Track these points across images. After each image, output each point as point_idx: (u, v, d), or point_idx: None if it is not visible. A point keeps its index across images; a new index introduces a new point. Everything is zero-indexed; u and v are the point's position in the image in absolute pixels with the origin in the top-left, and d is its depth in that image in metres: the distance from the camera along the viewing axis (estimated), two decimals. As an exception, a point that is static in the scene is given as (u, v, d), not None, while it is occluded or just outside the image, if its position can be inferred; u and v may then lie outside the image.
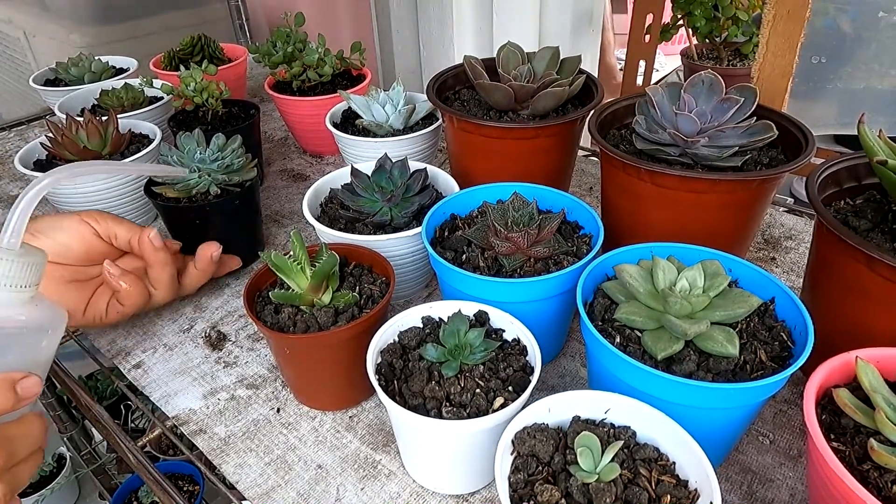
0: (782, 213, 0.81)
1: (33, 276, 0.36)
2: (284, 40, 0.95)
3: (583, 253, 0.55)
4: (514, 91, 0.67)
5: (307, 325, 0.50)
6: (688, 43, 1.39)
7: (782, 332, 0.45)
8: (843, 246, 0.45)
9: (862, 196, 0.53)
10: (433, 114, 0.85)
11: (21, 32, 1.32)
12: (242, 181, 0.68)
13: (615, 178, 0.61)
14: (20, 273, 0.35)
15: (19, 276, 0.35)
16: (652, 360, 0.44)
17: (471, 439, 0.43)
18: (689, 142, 0.56)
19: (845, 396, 0.39)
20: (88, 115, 0.75)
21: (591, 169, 0.94)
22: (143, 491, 1.29)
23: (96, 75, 1.05)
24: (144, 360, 0.63)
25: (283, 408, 0.57)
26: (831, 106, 0.91)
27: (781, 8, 0.68)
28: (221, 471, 0.52)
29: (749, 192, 0.55)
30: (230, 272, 0.71)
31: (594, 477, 0.37)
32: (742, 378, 0.42)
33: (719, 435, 0.45)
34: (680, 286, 0.46)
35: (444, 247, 0.57)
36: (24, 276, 0.35)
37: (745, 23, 1.27)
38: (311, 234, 0.79)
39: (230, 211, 0.69)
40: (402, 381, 0.46)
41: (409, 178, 0.66)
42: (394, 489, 0.49)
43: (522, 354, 0.48)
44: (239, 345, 0.64)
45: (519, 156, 0.68)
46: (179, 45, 1.12)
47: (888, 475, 0.36)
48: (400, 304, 0.68)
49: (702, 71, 0.58)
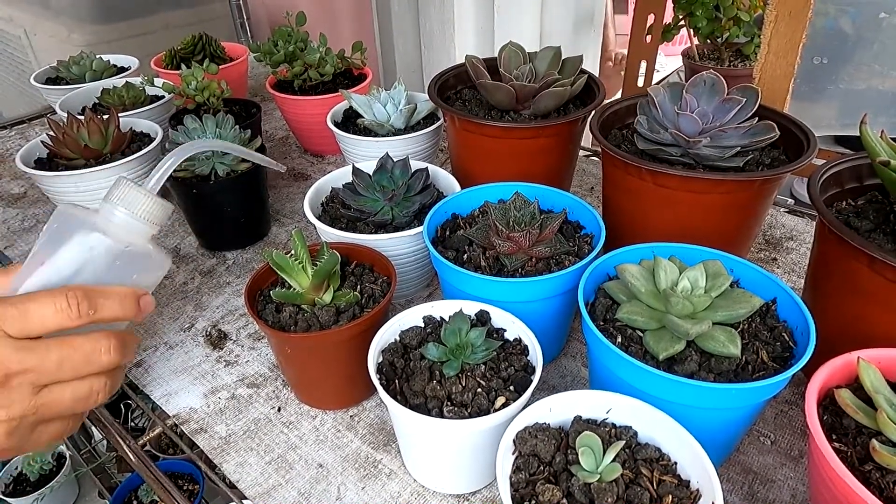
0: (783, 214, 0.81)
1: (162, 216, 0.43)
2: (286, 39, 0.95)
3: (584, 253, 0.55)
4: (515, 91, 0.67)
5: (308, 325, 0.50)
6: (689, 43, 1.39)
7: (784, 332, 0.45)
8: (845, 246, 0.45)
9: (864, 197, 0.53)
10: (434, 113, 0.85)
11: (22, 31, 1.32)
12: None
13: (617, 178, 0.61)
14: (155, 211, 0.42)
15: (153, 214, 0.42)
16: (653, 360, 0.44)
17: (472, 439, 0.43)
18: (690, 142, 0.55)
19: (847, 397, 0.39)
20: (89, 114, 0.75)
21: (593, 169, 0.94)
22: (142, 490, 1.29)
23: (97, 74, 1.05)
24: (145, 359, 0.63)
25: (284, 407, 0.57)
26: (832, 107, 0.91)
27: (783, 9, 0.68)
28: (222, 470, 0.52)
29: (750, 193, 0.55)
30: (230, 268, 0.71)
31: (596, 477, 0.37)
32: (744, 378, 0.42)
33: (721, 435, 0.45)
34: (682, 286, 0.46)
35: (446, 246, 0.57)
36: (156, 215, 0.42)
37: (747, 23, 1.27)
38: (313, 234, 0.79)
39: (242, 188, 0.74)
40: (404, 380, 0.46)
41: (411, 177, 0.66)
42: (395, 489, 0.49)
43: (524, 354, 0.48)
44: (240, 344, 0.64)
45: (520, 155, 0.68)
46: (181, 44, 1.12)
47: (890, 476, 0.36)
48: (401, 303, 0.68)
49: (703, 71, 0.58)
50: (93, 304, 0.39)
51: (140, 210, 0.42)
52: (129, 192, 0.41)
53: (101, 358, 0.39)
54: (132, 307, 0.41)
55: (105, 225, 0.41)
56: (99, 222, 0.41)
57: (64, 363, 0.38)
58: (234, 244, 0.79)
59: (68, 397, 0.39)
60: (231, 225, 0.77)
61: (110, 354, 0.39)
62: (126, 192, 0.41)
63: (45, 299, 0.37)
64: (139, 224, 0.42)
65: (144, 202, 0.42)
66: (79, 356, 0.38)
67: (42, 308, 0.37)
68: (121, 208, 0.41)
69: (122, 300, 0.40)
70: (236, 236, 0.78)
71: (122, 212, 0.41)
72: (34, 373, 0.37)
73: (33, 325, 0.37)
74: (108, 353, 0.39)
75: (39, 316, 0.37)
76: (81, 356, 0.38)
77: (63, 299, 0.37)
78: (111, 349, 0.39)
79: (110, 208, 0.41)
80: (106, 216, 0.41)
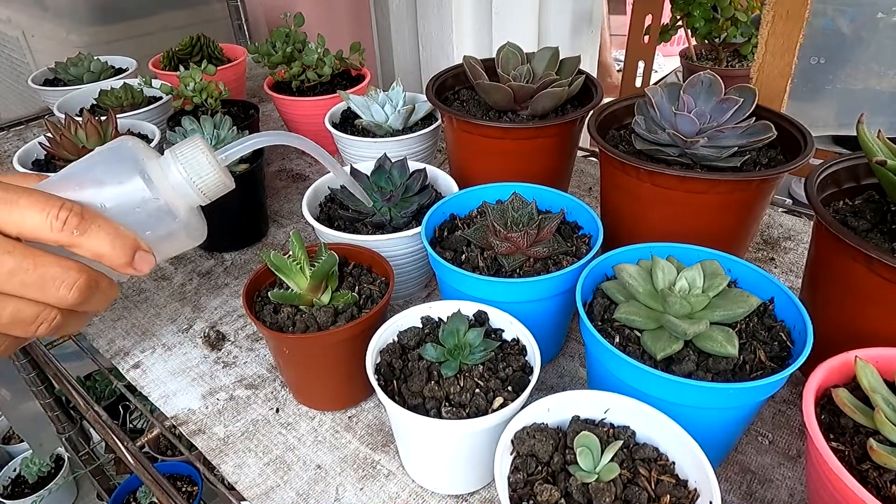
0: (781, 214, 0.81)
1: (216, 192, 0.41)
2: (284, 40, 0.95)
3: (582, 253, 0.55)
4: (513, 91, 0.67)
5: (306, 325, 0.50)
6: (686, 44, 1.39)
7: (781, 332, 0.46)
8: (842, 246, 0.45)
9: (861, 196, 0.53)
10: (432, 114, 0.85)
11: (20, 32, 1.32)
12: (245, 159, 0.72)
13: (614, 179, 0.61)
14: (213, 184, 0.40)
15: (209, 187, 0.40)
16: (651, 360, 0.44)
17: (470, 439, 0.43)
18: (688, 142, 0.56)
19: (844, 396, 0.39)
20: (87, 115, 0.74)
21: (590, 169, 0.94)
22: (141, 492, 1.29)
23: (95, 75, 1.05)
24: (143, 361, 0.63)
25: (283, 408, 0.57)
26: (830, 107, 0.91)
27: (780, 8, 0.68)
28: (220, 471, 0.52)
29: (748, 193, 0.55)
30: (228, 269, 0.71)
31: (594, 477, 0.37)
32: (741, 378, 0.42)
33: (718, 435, 0.45)
34: (679, 286, 0.46)
35: (444, 247, 0.57)
36: (212, 189, 0.40)
37: (744, 24, 1.27)
38: (311, 234, 0.79)
39: (240, 189, 0.74)
40: (402, 380, 0.46)
41: (409, 178, 0.66)
42: (393, 489, 0.49)
43: (522, 354, 0.48)
44: (238, 345, 0.64)
45: (518, 156, 0.68)
46: (178, 45, 1.12)
47: (887, 475, 0.36)
48: (399, 304, 0.68)
49: (701, 72, 0.59)
50: (83, 225, 0.35)
51: (199, 177, 0.39)
52: (197, 155, 0.39)
53: (58, 290, 0.35)
54: (123, 254, 0.36)
55: (155, 171, 0.38)
56: (151, 166, 0.38)
57: (16, 274, 0.34)
58: (232, 245, 0.79)
59: (8, 312, 0.35)
60: (229, 226, 0.77)
61: (69, 292, 0.35)
62: (193, 155, 0.39)
63: (39, 202, 0.34)
64: (189, 190, 0.39)
65: (208, 172, 0.39)
66: (34, 276, 0.34)
67: (29, 207, 0.34)
68: (180, 167, 0.39)
69: (116, 240, 0.36)
70: (234, 237, 0.78)
71: (181, 170, 0.39)
72: None
73: (12, 218, 0.34)
74: (67, 288, 0.35)
75: (21, 214, 0.34)
76: (37, 277, 0.34)
77: (56, 208, 0.34)
78: (73, 286, 0.35)
79: (171, 161, 0.39)
80: (163, 166, 0.39)
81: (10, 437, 1.55)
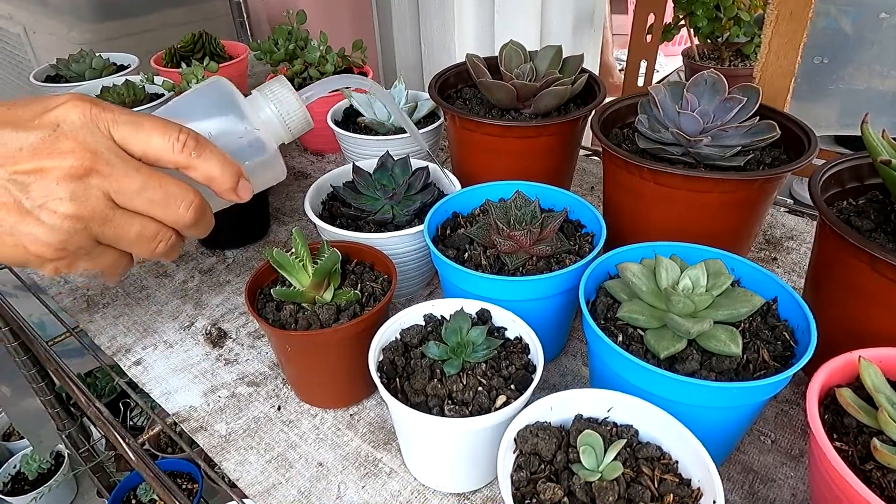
0: (784, 214, 0.81)
1: (300, 128, 0.45)
2: (286, 38, 0.95)
3: (585, 252, 0.55)
4: (516, 89, 0.67)
5: (309, 323, 0.50)
6: (689, 43, 1.39)
7: (785, 331, 0.45)
8: (846, 246, 0.45)
9: (864, 196, 0.53)
10: (435, 112, 0.85)
11: (21, 28, 1.32)
12: None
13: (617, 177, 0.61)
14: (298, 119, 0.44)
15: (295, 122, 0.44)
16: (654, 358, 0.44)
17: (473, 437, 0.43)
18: (691, 141, 0.55)
19: (848, 396, 0.39)
20: (89, 112, 0.74)
21: (593, 168, 0.94)
22: (141, 489, 1.29)
23: (97, 72, 1.05)
24: (144, 357, 0.63)
25: (284, 405, 0.57)
26: (833, 106, 0.91)
27: (784, 8, 0.68)
28: (222, 468, 0.52)
29: (751, 192, 0.55)
30: (230, 266, 0.71)
31: (597, 475, 0.37)
32: (745, 377, 0.42)
33: (721, 434, 0.45)
34: (683, 285, 0.46)
35: (446, 245, 0.57)
36: (298, 124, 0.44)
37: (747, 23, 1.27)
38: (313, 232, 0.79)
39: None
40: (404, 378, 0.46)
41: (411, 176, 0.66)
42: (395, 487, 0.49)
43: (524, 353, 0.48)
44: (240, 342, 0.64)
45: (521, 154, 0.68)
46: (181, 42, 1.11)
47: (891, 475, 0.36)
48: (402, 302, 0.68)
49: (704, 71, 0.58)
50: (199, 149, 0.38)
51: (287, 114, 0.43)
52: (286, 93, 0.43)
53: (179, 209, 0.38)
54: (231, 178, 0.40)
55: (248, 107, 0.42)
56: (244, 103, 0.42)
57: (145, 191, 0.36)
58: (234, 242, 0.79)
59: (135, 230, 0.37)
60: (231, 223, 0.76)
61: (187, 211, 0.38)
62: (283, 93, 0.43)
63: (160, 126, 0.37)
64: (278, 126, 0.43)
65: (296, 109, 0.43)
66: (161, 194, 0.37)
67: (153, 130, 0.37)
68: (272, 104, 0.43)
69: (225, 165, 0.39)
70: (236, 235, 0.78)
71: (272, 108, 0.43)
72: (115, 182, 0.36)
73: (138, 139, 0.36)
74: (186, 207, 0.38)
75: (147, 135, 0.36)
76: (163, 195, 0.37)
77: (175, 132, 0.37)
78: (192, 207, 0.38)
79: (261, 99, 0.43)
80: (253, 103, 0.43)
81: (11, 434, 1.55)
